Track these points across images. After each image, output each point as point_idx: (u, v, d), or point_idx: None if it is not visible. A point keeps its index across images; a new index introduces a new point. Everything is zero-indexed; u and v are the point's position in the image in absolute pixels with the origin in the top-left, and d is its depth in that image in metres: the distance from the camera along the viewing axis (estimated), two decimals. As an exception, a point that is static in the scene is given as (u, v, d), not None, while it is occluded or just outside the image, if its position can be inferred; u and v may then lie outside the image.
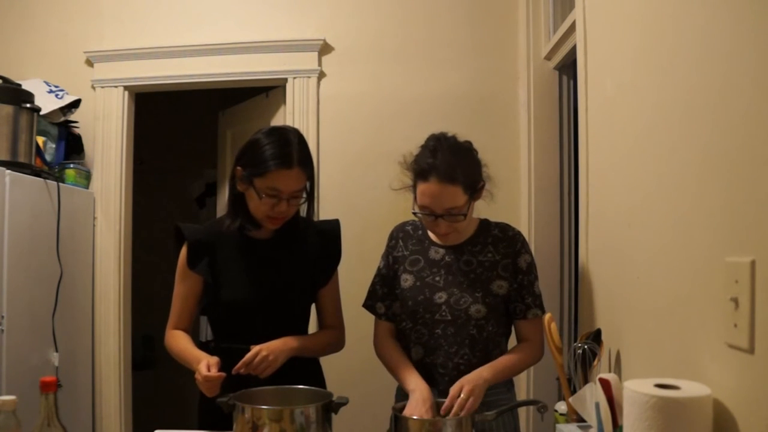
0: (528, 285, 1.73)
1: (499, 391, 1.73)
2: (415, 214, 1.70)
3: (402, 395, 1.78)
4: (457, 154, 1.65)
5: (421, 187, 1.64)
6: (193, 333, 1.81)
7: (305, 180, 1.69)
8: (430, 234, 1.80)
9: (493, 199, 1.76)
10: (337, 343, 1.87)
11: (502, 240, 1.75)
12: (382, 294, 1.83)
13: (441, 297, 1.72)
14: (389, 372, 1.77)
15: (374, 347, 1.83)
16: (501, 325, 1.75)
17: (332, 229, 1.88)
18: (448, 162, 1.61)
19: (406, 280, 1.78)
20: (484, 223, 1.80)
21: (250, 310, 1.73)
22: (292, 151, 1.65)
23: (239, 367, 1.55)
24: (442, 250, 1.77)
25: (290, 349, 1.64)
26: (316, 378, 1.85)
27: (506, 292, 1.72)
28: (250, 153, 1.67)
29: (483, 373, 1.59)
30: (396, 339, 1.81)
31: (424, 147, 1.69)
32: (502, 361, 1.67)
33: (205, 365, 1.52)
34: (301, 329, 1.81)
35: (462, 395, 1.51)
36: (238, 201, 1.73)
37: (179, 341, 1.73)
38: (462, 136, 1.82)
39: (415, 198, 1.69)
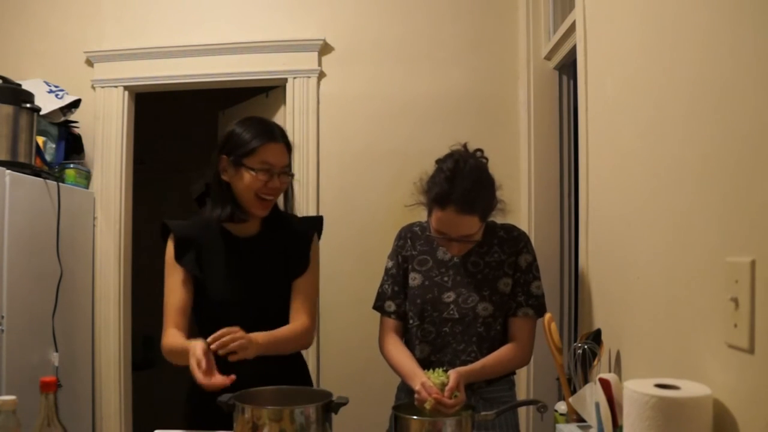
0: (524, 284, 1.74)
1: (501, 389, 1.75)
2: (429, 234, 1.72)
3: (403, 394, 1.78)
4: (477, 182, 1.61)
5: (438, 213, 1.62)
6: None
7: (289, 156, 1.76)
8: None
9: (504, 216, 1.76)
10: (298, 336, 1.73)
11: (507, 240, 1.78)
12: (392, 293, 1.82)
13: (449, 296, 1.74)
14: (394, 371, 1.77)
15: (379, 346, 1.82)
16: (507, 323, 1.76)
17: (312, 221, 1.89)
18: (466, 192, 1.58)
19: (415, 279, 1.79)
20: (491, 225, 1.80)
21: (234, 308, 1.71)
22: (273, 128, 1.75)
23: (213, 339, 1.48)
24: None
25: (257, 348, 1.55)
26: (302, 373, 1.84)
27: (511, 290, 1.74)
28: (234, 139, 1.72)
29: (466, 369, 1.61)
30: (402, 337, 1.81)
31: (440, 170, 1.65)
32: (488, 360, 1.68)
33: (195, 361, 1.44)
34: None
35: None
36: (224, 190, 1.74)
37: (176, 339, 1.65)
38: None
39: (429, 216, 1.69)
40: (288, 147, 1.75)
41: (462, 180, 1.59)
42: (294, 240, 1.81)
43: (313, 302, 1.80)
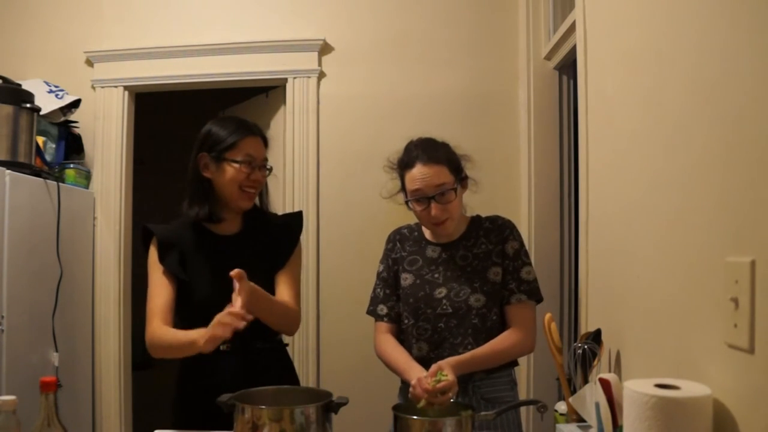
0: (513, 271, 1.75)
1: (503, 389, 1.75)
2: (407, 203, 1.76)
3: (404, 396, 1.78)
4: (432, 141, 1.79)
5: (409, 174, 1.73)
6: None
7: (266, 150, 1.81)
8: (426, 234, 1.85)
9: (479, 188, 1.81)
10: (288, 311, 1.74)
11: (492, 230, 1.80)
12: (384, 296, 1.84)
13: (441, 292, 1.75)
14: (392, 371, 1.77)
15: (375, 349, 1.83)
16: (503, 313, 1.77)
17: (293, 217, 1.93)
18: (426, 148, 1.75)
19: (406, 279, 1.81)
20: (476, 219, 1.84)
21: (220, 307, 1.71)
22: (249, 123, 1.81)
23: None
24: (438, 248, 1.81)
25: (249, 287, 1.55)
26: (287, 369, 1.86)
27: (502, 279, 1.75)
28: (213, 137, 1.77)
29: (454, 359, 1.62)
30: (397, 339, 1.82)
31: (404, 148, 1.81)
32: (479, 350, 1.68)
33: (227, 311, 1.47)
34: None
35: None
36: (205, 188, 1.76)
37: (167, 331, 1.66)
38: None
39: (405, 192, 1.77)
40: (265, 141, 1.81)
41: (419, 143, 1.78)
42: (277, 237, 1.83)
43: (297, 291, 1.81)
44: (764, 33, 0.88)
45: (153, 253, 1.76)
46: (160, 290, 1.72)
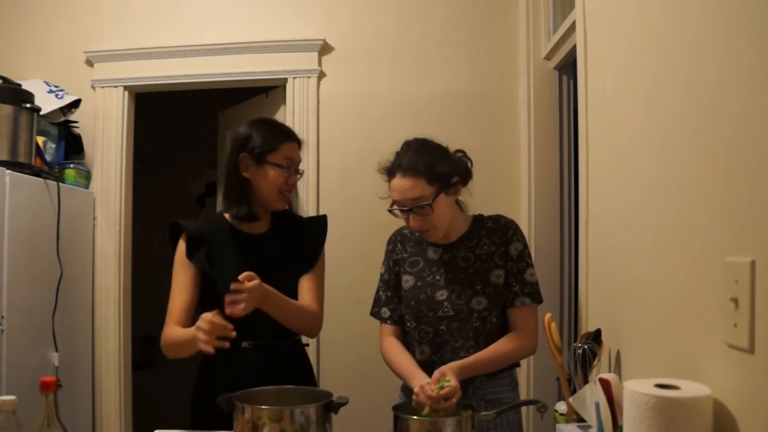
0: (517, 273, 1.74)
1: (503, 389, 1.75)
2: (390, 211, 1.75)
3: (406, 394, 1.78)
4: (422, 150, 1.72)
5: (391, 184, 1.72)
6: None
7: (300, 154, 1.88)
8: None
9: (479, 188, 1.80)
10: (307, 314, 1.78)
11: (495, 231, 1.77)
12: (386, 298, 1.84)
13: (442, 294, 1.74)
14: (396, 375, 1.77)
15: (381, 353, 1.82)
16: (504, 315, 1.76)
17: (318, 220, 1.95)
18: (410, 158, 1.69)
19: (407, 281, 1.80)
20: (478, 218, 1.82)
21: None
22: (287, 128, 1.89)
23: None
24: (440, 250, 1.79)
25: (263, 292, 1.61)
26: (305, 370, 1.87)
27: (504, 281, 1.74)
28: (255, 138, 1.79)
29: (457, 364, 1.62)
30: (401, 340, 1.82)
31: (397, 151, 1.76)
32: (481, 354, 1.68)
33: (208, 316, 1.52)
34: None
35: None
36: (243, 188, 1.80)
37: (176, 330, 1.70)
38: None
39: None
40: (299, 146, 1.87)
41: (408, 148, 1.73)
42: (303, 239, 1.86)
43: (321, 294, 1.84)
44: (764, 33, 0.88)
45: (180, 250, 1.78)
46: (181, 291, 1.75)
